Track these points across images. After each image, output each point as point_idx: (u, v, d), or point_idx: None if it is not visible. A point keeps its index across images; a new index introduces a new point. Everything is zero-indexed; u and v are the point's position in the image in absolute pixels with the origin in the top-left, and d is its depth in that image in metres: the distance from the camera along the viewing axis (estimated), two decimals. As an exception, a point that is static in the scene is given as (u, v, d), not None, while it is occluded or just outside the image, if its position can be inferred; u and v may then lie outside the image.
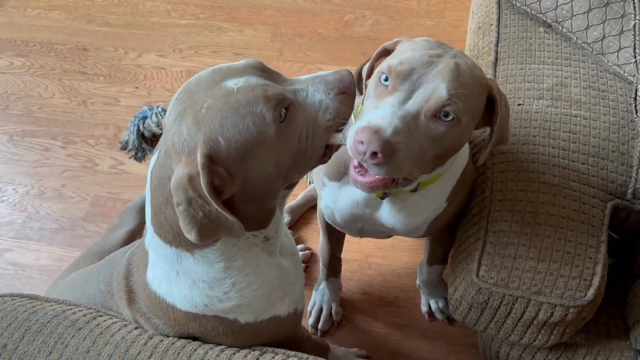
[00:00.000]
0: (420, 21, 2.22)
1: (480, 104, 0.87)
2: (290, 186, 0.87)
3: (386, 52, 0.94)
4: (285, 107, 0.76)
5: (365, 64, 0.99)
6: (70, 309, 0.94)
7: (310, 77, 0.82)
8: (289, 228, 1.66)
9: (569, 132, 1.14)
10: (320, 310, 1.48)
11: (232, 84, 0.76)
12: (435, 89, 0.80)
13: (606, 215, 1.06)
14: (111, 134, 1.98)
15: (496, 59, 1.31)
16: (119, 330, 0.89)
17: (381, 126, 0.77)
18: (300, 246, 1.61)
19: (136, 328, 0.91)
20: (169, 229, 0.80)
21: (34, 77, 2.19)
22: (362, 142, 0.77)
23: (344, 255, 1.44)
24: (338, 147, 0.84)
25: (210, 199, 0.72)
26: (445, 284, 1.42)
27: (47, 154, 1.94)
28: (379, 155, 0.76)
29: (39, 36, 2.34)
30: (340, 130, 0.82)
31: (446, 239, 1.20)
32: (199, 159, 0.72)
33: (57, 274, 1.30)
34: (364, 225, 1.10)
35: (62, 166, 1.91)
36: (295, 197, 1.67)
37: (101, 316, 0.93)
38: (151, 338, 0.88)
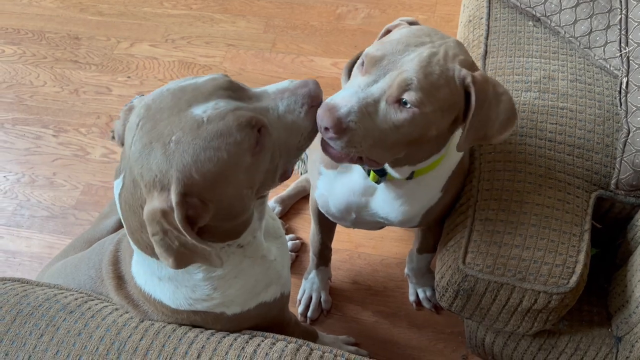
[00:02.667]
0: (412, 15, 2.23)
1: (451, 97, 0.85)
2: (263, 196, 0.86)
3: (388, 33, 0.95)
4: (258, 129, 0.73)
5: (354, 59, 1.01)
6: (62, 293, 0.95)
7: (278, 90, 0.78)
8: (280, 218, 1.67)
9: (556, 123, 1.16)
10: (310, 298, 1.49)
11: (200, 111, 0.71)
12: (398, 75, 0.82)
13: (590, 205, 1.08)
14: (103, 123, 1.98)
15: (486, 51, 1.33)
16: (110, 313, 0.90)
17: (337, 104, 0.80)
18: (290, 236, 1.62)
19: (127, 312, 0.92)
20: (147, 246, 0.79)
21: (25, 65, 2.18)
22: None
23: (334, 244, 1.45)
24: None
25: (185, 232, 0.70)
26: (433, 273, 1.44)
27: (39, 142, 1.94)
28: (330, 130, 0.80)
29: (31, 24, 2.32)
30: None
31: (438, 229, 1.22)
32: (173, 197, 0.69)
33: (47, 261, 1.30)
34: (358, 215, 1.11)
35: (54, 154, 1.91)
36: (287, 188, 1.69)
37: (92, 300, 0.94)
38: (142, 322, 0.89)
